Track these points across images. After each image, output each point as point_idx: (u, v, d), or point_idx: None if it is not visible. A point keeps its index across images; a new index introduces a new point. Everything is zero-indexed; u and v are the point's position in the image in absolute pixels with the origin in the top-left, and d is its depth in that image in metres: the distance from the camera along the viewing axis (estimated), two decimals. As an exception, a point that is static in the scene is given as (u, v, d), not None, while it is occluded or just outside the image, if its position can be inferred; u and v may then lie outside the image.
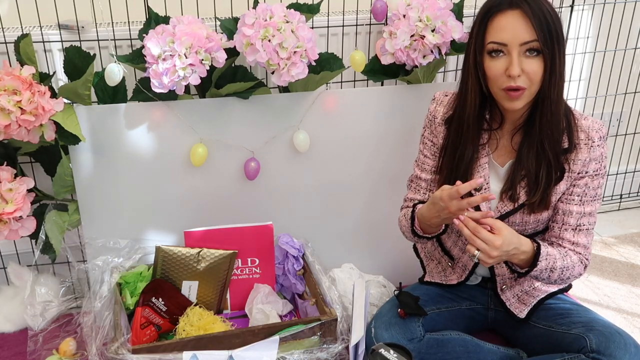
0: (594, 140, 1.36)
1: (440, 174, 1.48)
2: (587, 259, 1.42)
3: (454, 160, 1.43)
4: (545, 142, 1.35)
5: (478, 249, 1.28)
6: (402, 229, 1.54)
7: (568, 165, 1.37)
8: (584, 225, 1.41)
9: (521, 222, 1.42)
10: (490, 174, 1.44)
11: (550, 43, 1.27)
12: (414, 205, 1.49)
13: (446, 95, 1.50)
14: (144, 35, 1.47)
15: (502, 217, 1.42)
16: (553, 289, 1.53)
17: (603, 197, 2.47)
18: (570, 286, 1.57)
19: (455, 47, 1.64)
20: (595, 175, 1.39)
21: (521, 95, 1.31)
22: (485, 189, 1.43)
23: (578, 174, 1.38)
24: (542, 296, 1.52)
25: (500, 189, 1.43)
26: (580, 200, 1.40)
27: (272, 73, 1.52)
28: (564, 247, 1.41)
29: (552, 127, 1.34)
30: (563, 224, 1.41)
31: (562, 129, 1.35)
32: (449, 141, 1.45)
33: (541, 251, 1.34)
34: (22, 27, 1.59)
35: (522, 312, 1.51)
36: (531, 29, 1.26)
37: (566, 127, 1.36)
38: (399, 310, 1.49)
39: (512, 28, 1.27)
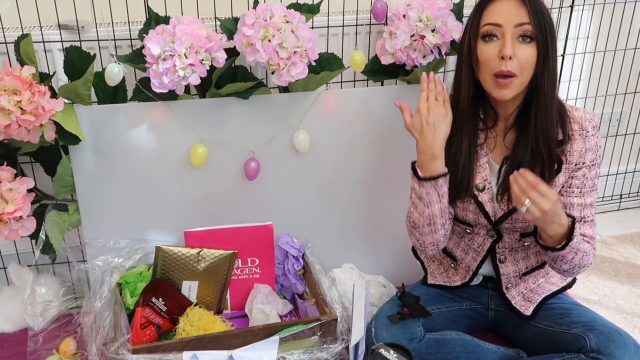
0: (587, 130, 1.38)
1: None
2: (594, 249, 1.43)
3: (451, 153, 1.44)
4: (540, 139, 1.35)
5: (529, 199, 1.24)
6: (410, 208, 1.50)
7: (565, 157, 1.39)
8: (587, 217, 1.42)
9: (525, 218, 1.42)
10: (491, 174, 1.45)
11: (544, 32, 1.30)
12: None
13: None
14: (144, 35, 1.47)
15: (505, 216, 1.43)
16: (556, 287, 1.54)
17: (603, 197, 2.48)
18: (574, 281, 1.57)
19: (455, 47, 1.64)
20: (592, 165, 1.40)
21: (510, 84, 1.32)
22: (487, 188, 1.43)
23: (575, 165, 1.39)
24: (547, 294, 1.53)
25: (498, 189, 1.43)
26: (580, 192, 1.41)
27: (272, 73, 1.52)
28: None
29: (547, 121, 1.35)
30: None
31: (556, 121, 1.37)
32: None
33: (575, 226, 1.32)
34: (22, 27, 1.59)
35: (527, 310, 1.52)
36: (526, 13, 1.30)
37: (559, 120, 1.37)
38: (405, 309, 1.49)
39: (508, 11, 1.31)
